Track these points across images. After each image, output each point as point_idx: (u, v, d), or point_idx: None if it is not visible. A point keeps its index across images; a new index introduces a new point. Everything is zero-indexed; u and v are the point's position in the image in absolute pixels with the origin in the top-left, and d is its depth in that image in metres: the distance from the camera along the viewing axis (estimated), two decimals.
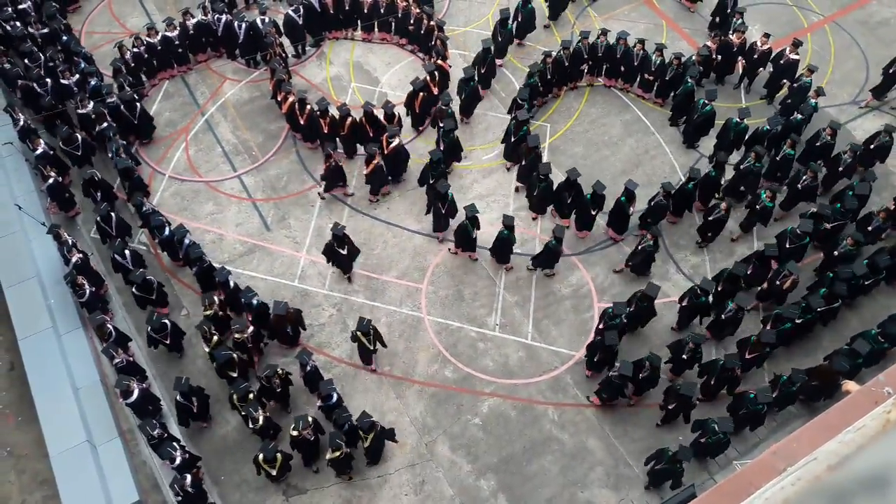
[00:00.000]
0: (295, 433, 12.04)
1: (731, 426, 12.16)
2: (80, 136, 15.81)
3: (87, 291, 13.84)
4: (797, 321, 13.36)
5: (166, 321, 13.62)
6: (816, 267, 14.85)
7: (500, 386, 13.94)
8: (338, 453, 12.00)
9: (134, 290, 13.88)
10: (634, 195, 14.77)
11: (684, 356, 13.00)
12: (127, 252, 14.20)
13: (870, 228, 14.47)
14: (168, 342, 13.72)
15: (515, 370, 14.11)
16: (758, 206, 14.76)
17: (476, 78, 17.05)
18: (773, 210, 14.95)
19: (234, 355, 12.95)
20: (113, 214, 14.75)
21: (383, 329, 14.46)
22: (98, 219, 14.64)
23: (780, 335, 13.15)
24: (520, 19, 18.20)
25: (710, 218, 14.92)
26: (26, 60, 16.71)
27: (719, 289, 13.92)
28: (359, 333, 13.17)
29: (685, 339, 12.95)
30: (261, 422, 12.44)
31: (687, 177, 15.20)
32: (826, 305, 13.54)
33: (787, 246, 14.13)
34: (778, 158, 15.66)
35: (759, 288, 14.29)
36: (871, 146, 15.61)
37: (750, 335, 13.46)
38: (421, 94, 16.33)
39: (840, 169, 15.48)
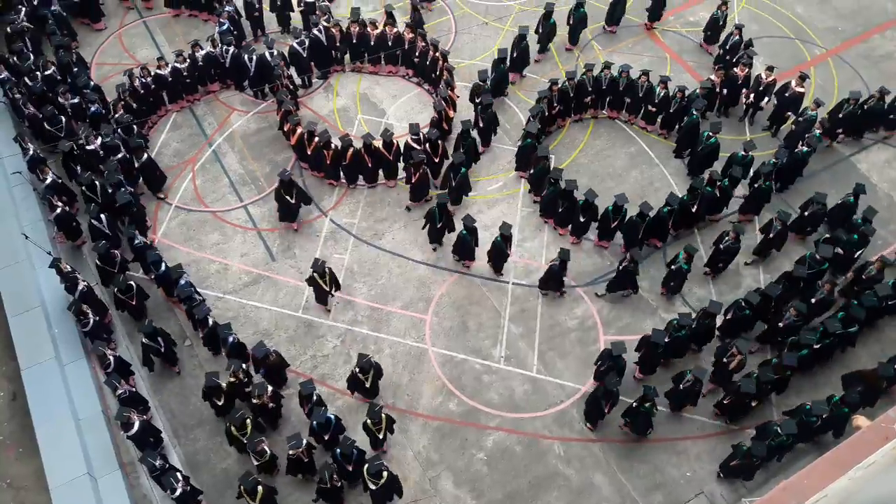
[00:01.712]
0: None
1: (794, 427, 12.21)
2: (63, 119, 16.58)
3: (92, 321, 13.83)
4: (815, 346, 13.36)
5: (132, 283, 14.21)
6: (759, 335, 14.30)
7: (506, 420, 13.78)
8: (380, 480, 11.79)
9: (97, 261, 14.50)
10: (622, 208, 14.98)
11: (635, 404, 12.97)
12: (103, 217, 14.97)
13: (813, 300, 13.81)
14: (134, 303, 14.29)
15: (521, 404, 13.96)
16: (673, 267, 14.58)
17: (508, 60, 17.88)
18: (688, 272, 14.57)
19: (222, 384, 12.84)
20: (98, 183, 15.34)
21: (387, 360, 14.39)
22: (83, 188, 15.26)
23: (799, 361, 13.15)
24: (571, 22, 18.96)
25: (622, 266, 14.60)
26: (15, 58, 17.44)
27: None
28: (315, 275, 14.02)
29: (645, 392, 12.81)
30: (268, 454, 12.30)
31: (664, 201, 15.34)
32: (843, 329, 13.52)
33: (808, 271, 14.15)
34: (718, 185, 15.63)
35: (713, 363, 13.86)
36: (805, 213, 15.18)
37: (771, 357, 13.50)
38: (443, 113, 16.84)
39: (770, 236, 15.03)
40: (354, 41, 18.48)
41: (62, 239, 15.83)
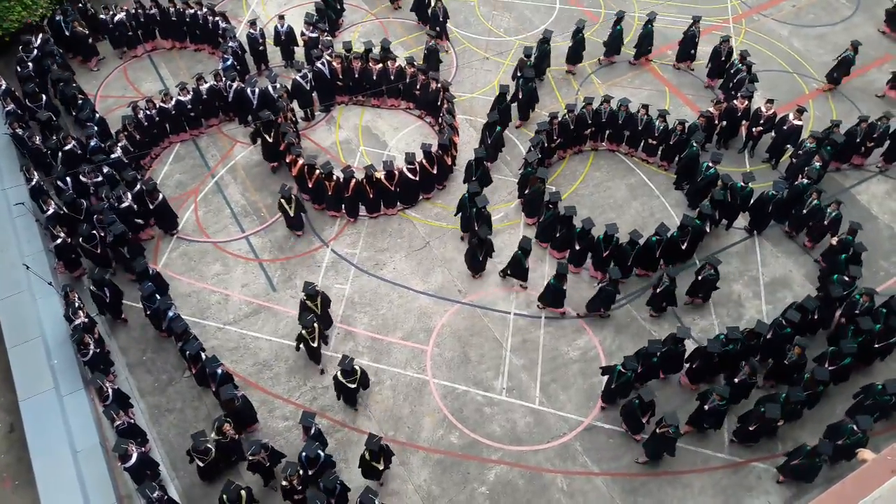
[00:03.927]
0: None
1: (870, 423, 12.38)
2: (45, 104, 17.66)
3: (92, 351, 13.77)
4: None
5: (95, 232, 15.19)
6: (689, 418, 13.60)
7: (508, 453, 13.63)
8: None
9: (64, 209, 15.66)
10: (612, 237, 15.05)
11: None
12: (68, 179, 16.08)
13: (736, 381, 13.30)
14: (98, 252, 15.30)
15: (523, 436, 13.82)
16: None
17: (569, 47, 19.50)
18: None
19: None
20: (61, 153, 16.38)
21: (387, 392, 14.31)
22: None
23: (836, 373, 13.32)
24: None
25: (657, 289, 14.80)
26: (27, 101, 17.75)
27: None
28: (282, 201, 15.87)
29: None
30: (213, 454, 12.34)
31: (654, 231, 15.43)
32: (885, 341, 13.76)
33: (844, 292, 14.40)
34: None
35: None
36: (699, 278, 14.92)
37: (803, 373, 13.51)
38: (450, 140, 17.19)
39: (658, 290, 14.83)
40: (357, 75, 18.71)
41: (62, 269, 15.83)
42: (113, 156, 16.45)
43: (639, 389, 13.35)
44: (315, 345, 14.09)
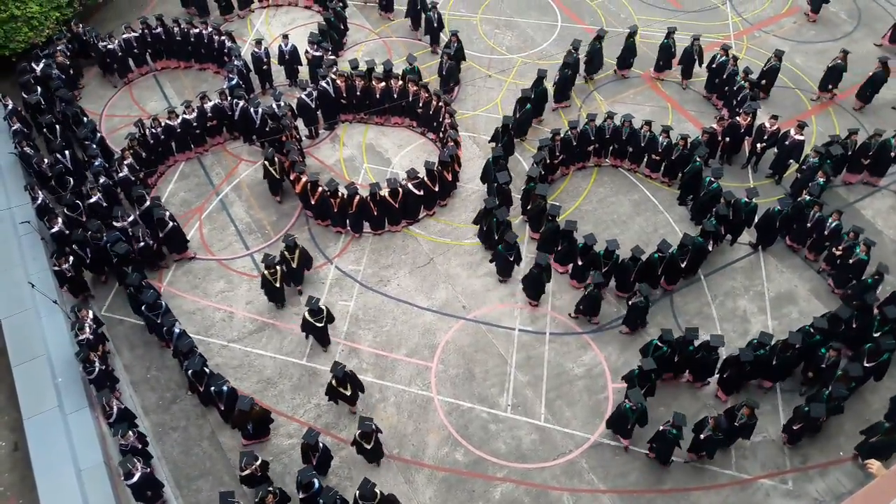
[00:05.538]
0: None
1: None
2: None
3: (97, 369, 13.77)
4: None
5: (79, 202, 15.96)
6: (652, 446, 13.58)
7: (513, 470, 13.54)
8: None
9: (52, 182, 16.50)
10: (612, 253, 15.11)
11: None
12: (67, 153, 17.01)
13: (702, 436, 12.87)
14: (83, 219, 15.94)
15: (528, 454, 13.74)
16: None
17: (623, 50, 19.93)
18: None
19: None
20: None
21: (392, 409, 14.25)
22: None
23: (877, 369, 13.47)
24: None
25: (630, 302, 14.90)
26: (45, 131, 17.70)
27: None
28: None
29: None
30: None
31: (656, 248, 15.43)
32: None
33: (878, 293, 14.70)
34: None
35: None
36: (629, 304, 14.84)
37: (836, 371, 13.59)
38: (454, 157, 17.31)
39: (584, 294, 15.00)
40: (359, 94, 18.82)
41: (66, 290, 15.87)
42: (119, 175, 16.56)
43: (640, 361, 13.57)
44: (278, 286, 15.01)
